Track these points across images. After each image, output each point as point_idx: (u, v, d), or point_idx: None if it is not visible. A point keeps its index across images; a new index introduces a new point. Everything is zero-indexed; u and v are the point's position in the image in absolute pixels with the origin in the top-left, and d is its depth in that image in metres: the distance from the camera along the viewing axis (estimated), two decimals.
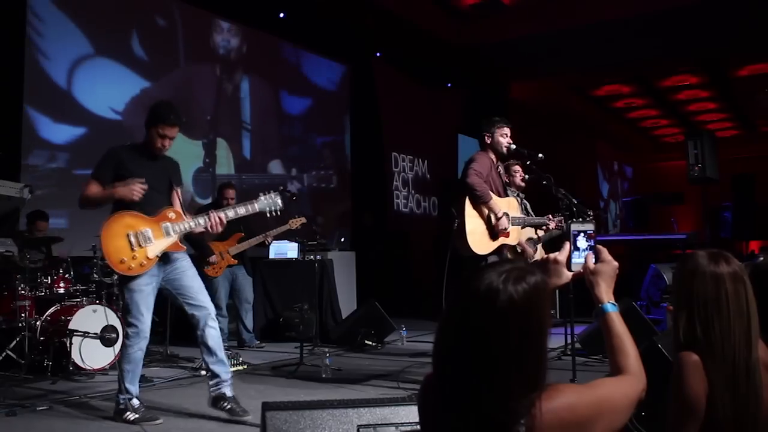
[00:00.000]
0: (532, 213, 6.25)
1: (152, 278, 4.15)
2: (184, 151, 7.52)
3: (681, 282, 2.03)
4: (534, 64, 13.24)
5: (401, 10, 10.48)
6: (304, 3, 9.47)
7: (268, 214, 4.36)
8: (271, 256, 7.95)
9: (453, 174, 12.69)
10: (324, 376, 5.38)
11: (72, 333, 5.46)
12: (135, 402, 4.11)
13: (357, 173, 11.17)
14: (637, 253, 9.78)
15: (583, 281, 1.79)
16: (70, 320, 5.54)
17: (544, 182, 5.05)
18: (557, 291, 7.53)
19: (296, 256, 7.88)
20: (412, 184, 12.51)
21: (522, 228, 5.24)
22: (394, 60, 11.71)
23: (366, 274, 9.52)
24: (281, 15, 9.66)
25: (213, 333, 4.24)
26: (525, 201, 6.29)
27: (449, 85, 13.23)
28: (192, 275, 4.31)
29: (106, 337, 5.71)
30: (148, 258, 4.06)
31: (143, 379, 5.28)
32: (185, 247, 4.28)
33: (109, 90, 6.85)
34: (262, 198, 4.32)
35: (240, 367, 5.72)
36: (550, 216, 5.45)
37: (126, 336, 4.20)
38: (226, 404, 4.11)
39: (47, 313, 5.72)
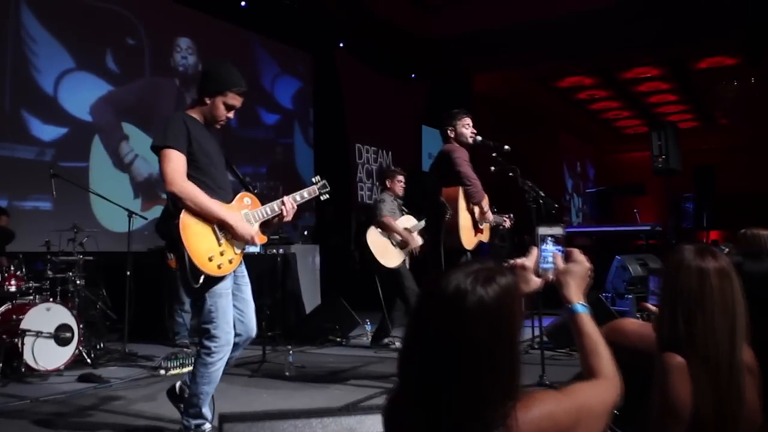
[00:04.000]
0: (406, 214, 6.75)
1: (232, 280, 3.54)
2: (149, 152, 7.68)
3: (666, 277, 1.97)
4: (497, 55, 13.21)
5: (365, 0, 10.35)
6: None
7: (322, 198, 3.94)
8: (248, 248, 7.77)
9: (417, 165, 12.62)
10: (287, 374, 5.26)
11: (24, 333, 5.23)
12: (207, 427, 3.52)
13: (320, 165, 11.02)
14: (602, 245, 9.82)
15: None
16: (22, 319, 5.29)
17: (511, 174, 4.98)
18: None
19: (258, 250, 7.71)
20: (376, 176, 12.40)
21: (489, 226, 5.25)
22: (357, 51, 11.57)
23: (330, 267, 9.40)
24: (243, 4, 9.48)
25: (235, 357, 3.72)
26: (403, 207, 6.79)
27: (413, 76, 13.13)
28: (250, 288, 3.74)
29: (60, 336, 5.50)
30: (236, 252, 3.48)
31: (98, 379, 5.13)
32: (267, 238, 3.74)
33: (87, 97, 7.85)
34: (315, 181, 3.94)
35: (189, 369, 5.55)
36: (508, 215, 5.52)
37: (206, 352, 3.42)
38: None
39: None
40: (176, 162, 3.39)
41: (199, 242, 3.35)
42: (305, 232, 8.96)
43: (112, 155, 7.96)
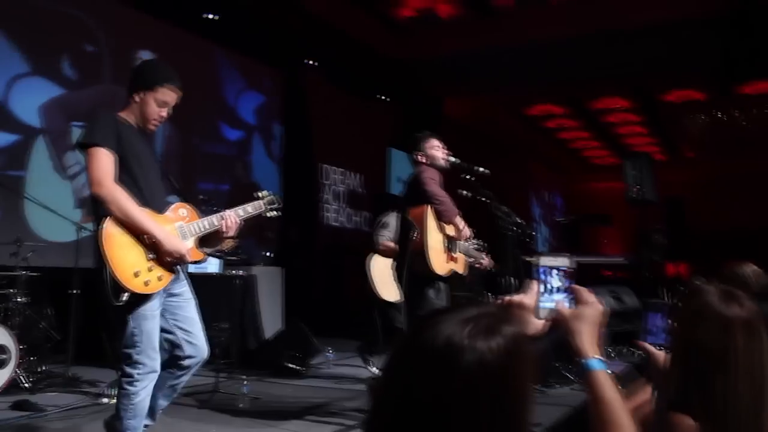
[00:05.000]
0: None
1: (161, 300, 3.23)
2: None
3: (681, 323, 1.65)
4: (468, 80, 13.07)
5: (335, 19, 10.13)
6: (233, 6, 9.02)
7: (268, 214, 3.65)
8: (189, 270, 7.39)
9: (385, 189, 12.35)
10: (240, 406, 4.89)
11: None
12: None
13: (286, 184, 10.69)
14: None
15: None
16: None
17: (483, 199, 4.72)
18: None
19: (217, 271, 7.36)
20: (343, 198, 12.10)
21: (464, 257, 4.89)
22: (327, 69, 11.30)
23: (294, 290, 9.04)
24: (210, 17, 9.15)
25: (184, 381, 3.44)
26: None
27: (383, 98, 12.90)
28: (194, 306, 3.46)
29: None
30: (166, 270, 3.17)
31: (33, 407, 4.71)
32: (204, 255, 3.44)
33: (40, 103, 7.39)
34: (261, 195, 3.64)
35: None
36: (486, 254, 5.12)
37: (128, 381, 3.10)
38: None
39: None
40: (105, 162, 3.09)
41: (125, 255, 3.03)
42: (268, 254, 8.58)
43: (57, 163, 7.52)
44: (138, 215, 3.07)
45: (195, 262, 3.55)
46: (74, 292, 5.90)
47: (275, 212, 3.69)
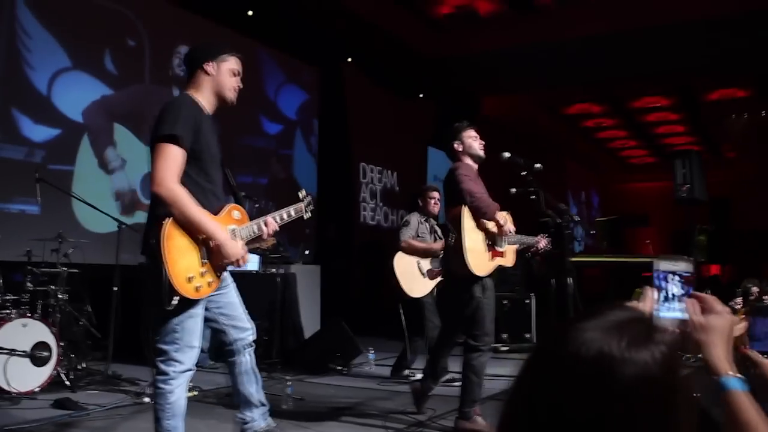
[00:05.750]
0: (441, 238, 6.02)
1: (205, 301, 3.12)
2: (139, 155, 7.23)
3: None
4: (506, 78, 12.91)
5: (374, 17, 10.01)
6: (272, 2, 8.95)
7: (305, 216, 3.54)
8: (229, 267, 7.31)
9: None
10: (284, 407, 4.77)
11: None
12: None
13: (323, 182, 10.59)
14: (615, 276, 9.42)
15: None
16: None
17: (534, 196, 4.53)
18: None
19: (256, 269, 7.27)
20: (380, 196, 11.97)
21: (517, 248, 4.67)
22: (365, 67, 11.19)
23: (331, 289, 8.94)
24: (249, 13, 9.09)
25: (252, 358, 3.34)
26: (436, 227, 6.20)
27: (421, 96, 12.76)
28: (235, 290, 3.36)
29: (37, 355, 5.00)
30: (217, 275, 3.07)
31: (75, 406, 4.65)
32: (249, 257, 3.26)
33: (82, 98, 7.42)
34: (302, 197, 3.50)
35: (189, 393, 5.07)
36: (541, 235, 4.86)
37: (164, 379, 2.96)
38: None
39: None
40: (172, 160, 2.91)
41: (180, 258, 2.89)
42: (306, 252, 8.47)
43: (100, 159, 7.52)
44: (200, 217, 2.93)
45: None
46: (115, 288, 5.83)
47: (310, 213, 3.57)
